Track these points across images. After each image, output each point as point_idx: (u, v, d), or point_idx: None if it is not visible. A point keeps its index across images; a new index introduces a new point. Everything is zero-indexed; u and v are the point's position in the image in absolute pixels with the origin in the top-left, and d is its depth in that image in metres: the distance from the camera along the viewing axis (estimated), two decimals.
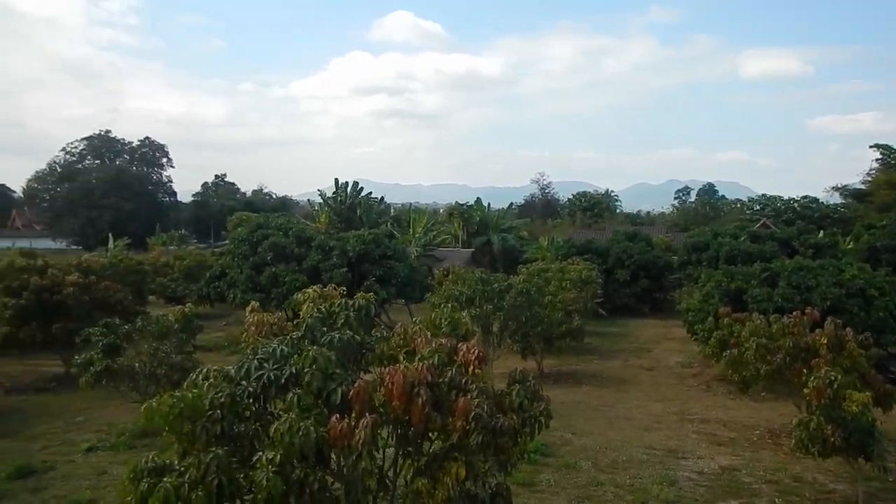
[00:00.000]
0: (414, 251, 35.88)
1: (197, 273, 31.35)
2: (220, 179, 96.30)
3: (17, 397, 17.62)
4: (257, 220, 29.95)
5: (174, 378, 13.24)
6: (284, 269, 24.70)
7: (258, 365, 6.58)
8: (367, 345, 7.75)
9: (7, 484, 11.16)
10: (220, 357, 20.36)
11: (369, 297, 8.27)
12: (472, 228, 46.56)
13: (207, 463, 5.81)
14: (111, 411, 15.61)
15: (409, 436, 6.92)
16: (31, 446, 13.38)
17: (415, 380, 6.40)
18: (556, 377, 19.82)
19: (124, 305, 20.44)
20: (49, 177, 79.48)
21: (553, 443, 13.12)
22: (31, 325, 19.01)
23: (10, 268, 19.89)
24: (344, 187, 45.60)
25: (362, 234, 27.09)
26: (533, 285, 18.83)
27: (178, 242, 57.02)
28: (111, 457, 12.59)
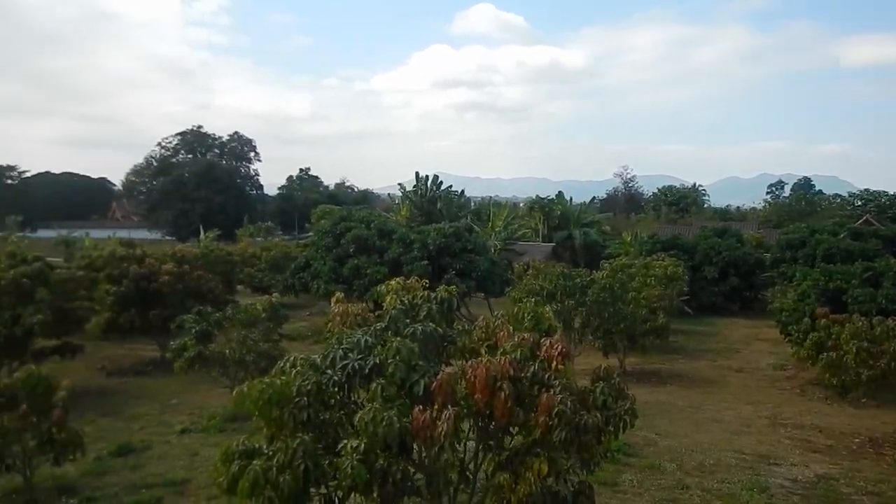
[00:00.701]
0: (494, 245, 35.80)
1: (282, 264, 32.24)
2: (305, 173, 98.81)
3: (118, 379, 18.56)
4: (340, 212, 30.53)
5: (261, 365, 13.67)
6: (366, 261, 25.09)
7: (343, 354, 6.69)
8: (448, 337, 7.75)
9: (110, 460, 11.78)
10: (304, 346, 20.87)
11: (451, 290, 8.28)
12: (552, 223, 46.06)
13: (294, 448, 5.96)
14: (202, 395, 16.24)
15: (491, 429, 6.89)
16: (131, 426, 14.08)
17: (497, 374, 6.35)
18: (639, 376, 19.40)
19: (215, 294, 21.20)
20: (146, 170, 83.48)
21: (636, 443, 12.84)
22: (130, 312, 19.93)
23: (111, 257, 20.95)
24: (424, 181, 45.94)
25: (442, 228, 27.21)
26: (616, 281, 18.45)
27: (264, 234, 58.79)
28: (203, 439, 13.10)
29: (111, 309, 20.08)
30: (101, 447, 12.31)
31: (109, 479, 10.90)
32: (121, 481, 10.81)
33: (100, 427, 13.72)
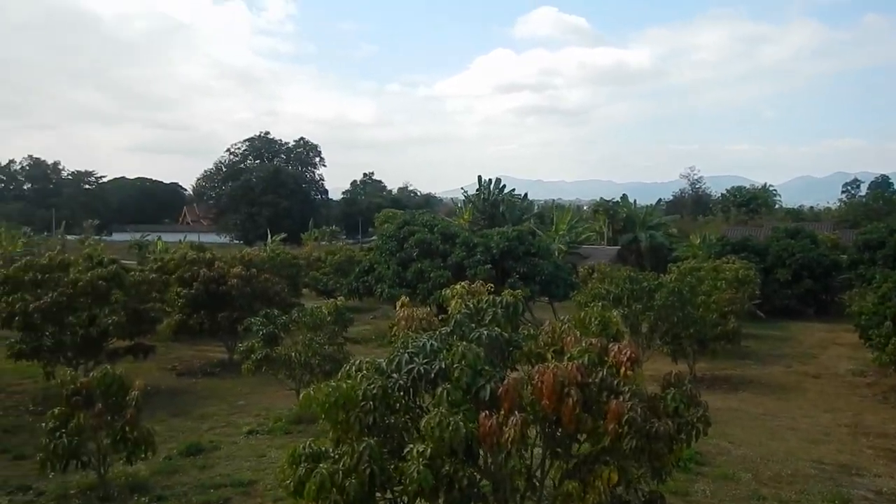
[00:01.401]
0: (558, 248, 35.40)
1: (347, 268, 32.62)
2: (368, 177, 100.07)
3: (188, 380, 19.02)
4: (403, 216, 30.69)
5: (327, 368, 13.79)
6: (430, 265, 25.13)
7: (408, 359, 6.64)
8: (514, 342, 7.61)
9: (180, 460, 12.05)
10: (367, 349, 21.02)
11: (517, 295, 8.14)
12: (617, 225, 45.31)
13: (360, 452, 5.93)
14: (269, 397, 16.49)
15: (558, 436, 6.73)
16: (200, 426, 14.39)
17: (565, 379, 6.20)
18: (709, 382, 18.81)
19: (281, 297, 21.54)
20: (215, 176, 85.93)
21: (708, 451, 12.42)
22: (200, 314, 20.43)
23: (182, 260, 21.55)
24: (487, 184, 45.79)
25: (506, 231, 27.05)
26: (685, 285, 17.94)
27: (329, 238, 59.65)
28: (269, 440, 13.28)
29: (182, 311, 20.63)
30: (172, 447, 12.61)
31: (179, 479, 11.15)
32: (190, 481, 11.04)
33: (170, 426, 14.06)
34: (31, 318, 15.96)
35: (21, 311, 15.97)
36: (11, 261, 27.05)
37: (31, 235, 48.62)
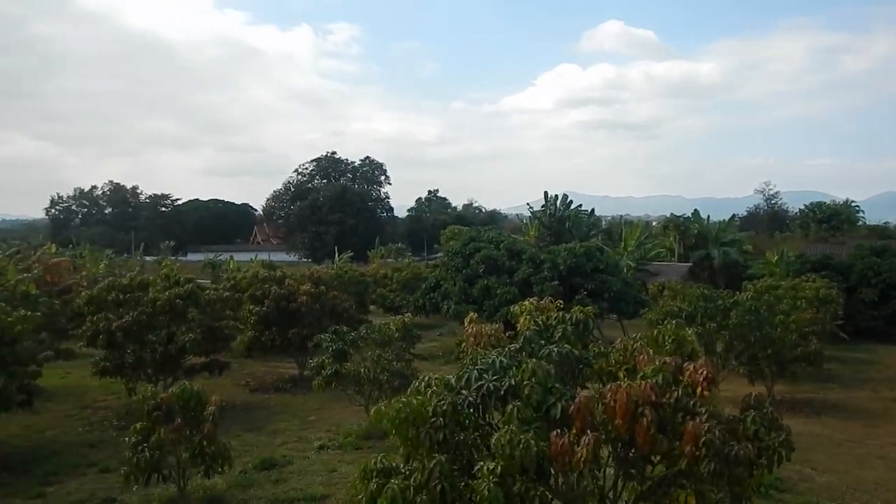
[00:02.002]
0: (626, 265, 34.82)
1: (413, 284, 32.85)
2: (433, 195, 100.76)
3: (261, 395, 19.44)
4: (469, 233, 30.75)
5: (395, 384, 13.89)
6: (496, 282, 25.06)
7: (478, 375, 6.63)
8: (584, 360, 7.52)
9: (255, 474, 12.30)
10: (434, 366, 21.05)
11: (587, 311, 8.06)
12: (689, 242, 44.21)
13: (431, 468, 5.94)
14: (339, 412, 16.69)
15: (631, 457, 6.58)
16: (273, 441, 14.66)
17: (639, 398, 6.07)
18: (789, 405, 18.06)
19: (350, 314, 21.82)
20: (284, 196, 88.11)
21: (789, 477, 11.90)
22: (272, 331, 20.87)
23: (254, 278, 22.11)
24: (553, 200, 45.52)
25: (573, 247, 26.77)
26: (762, 303, 17.34)
27: (395, 255, 60.18)
28: (340, 455, 13.43)
29: (254, 328, 21.12)
30: (247, 461, 12.88)
31: (254, 492, 11.37)
32: (265, 494, 11.24)
33: (245, 441, 14.37)
34: (114, 337, 16.63)
35: (104, 330, 16.66)
36: (95, 281, 28.32)
37: (112, 257, 50.72)
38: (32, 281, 24.39)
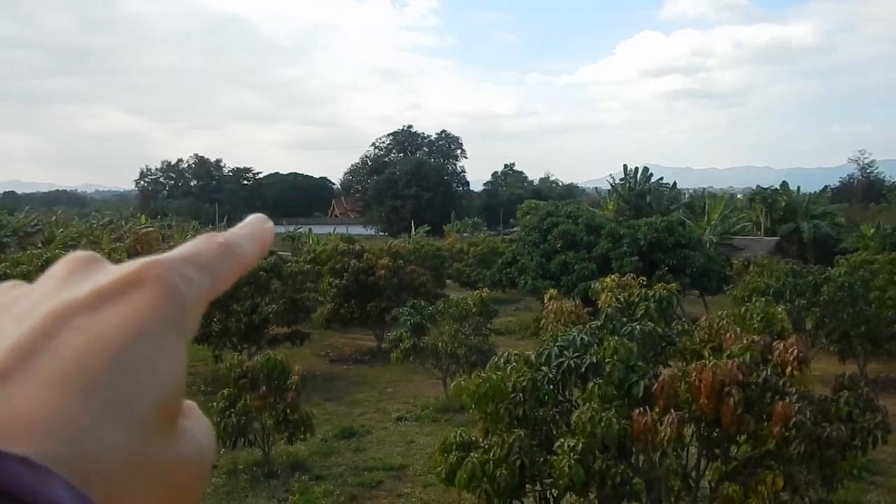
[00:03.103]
0: (709, 239, 33.80)
1: (489, 259, 32.79)
2: (509, 168, 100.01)
3: (340, 366, 19.91)
4: (547, 207, 30.42)
5: (472, 358, 13.95)
6: (574, 257, 24.76)
7: (558, 352, 6.60)
8: (667, 337, 7.38)
9: (335, 442, 12.65)
10: (510, 341, 21.04)
11: (671, 288, 7.89)
12: (776, 215, 42.44)
13: (511, 443, 5.97)
14: (416, 385, 16.92)
15: (715, 437, 6.44)
16: (352, 411, 15.02)
17: (725, 378, 5.92)
18: (883, 384, 17.21)
19: (427, 288, 22.01)
20: (361, 170, 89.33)
21: (884, 460, 11.36)
22: (351, 303, 21.26)
23: (334, 251, 22.56)
24: (633, 173, 44.49)
25: (654, 222, 26.13)
26: (856, 279, 16.55)
27: (471, 230, 60.20)
28: (417, 427, 13.64)
29: (333, 300, 21.57)
30: (327, 429, 13.24)
31: (335, 460, 11.70)
32: (345, 462, 11.56)
33: (325, 410, 14.76)
34: None
35: None
36: None
37: (198, 229, 52.72)
38: (125, 251, 25.70)
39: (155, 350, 0.35)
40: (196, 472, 0.37)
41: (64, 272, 0.39)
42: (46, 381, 0.32)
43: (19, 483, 0.28)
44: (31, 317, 0.35)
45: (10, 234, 30.96)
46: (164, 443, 0.35)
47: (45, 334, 0.34)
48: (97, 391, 0.33)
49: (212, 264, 0.41)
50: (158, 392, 0.35)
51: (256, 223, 0.48)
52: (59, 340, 0.34)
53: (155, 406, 0.34)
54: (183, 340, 0.38)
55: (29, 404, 0.31)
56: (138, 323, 0.35)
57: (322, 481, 10.74)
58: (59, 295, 0.37)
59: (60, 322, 0.34)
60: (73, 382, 0.32)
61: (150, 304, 0.36)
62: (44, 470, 0.29)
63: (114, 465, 0.32)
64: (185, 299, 0.38)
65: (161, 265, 0.38)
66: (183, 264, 0.39)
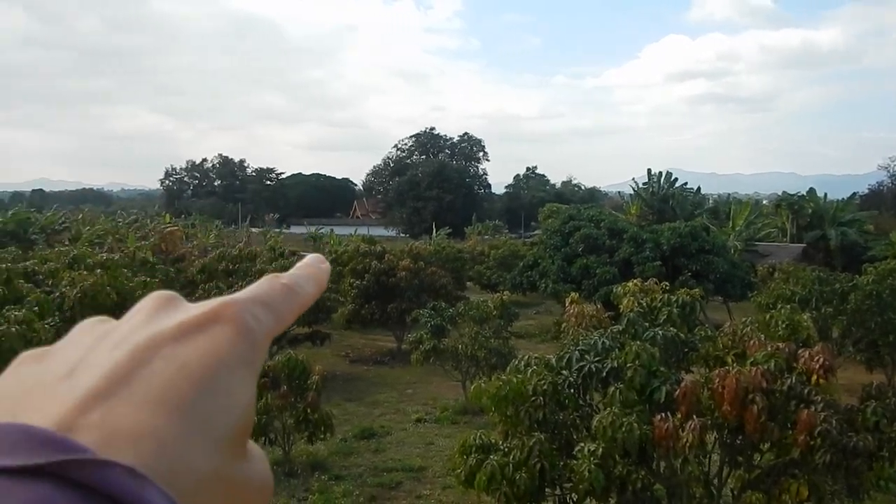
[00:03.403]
0: (734, 245, 33.45)
1: (510, 262, 32.71)
2: (531, 171, 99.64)
3: (360, 367, 19.96)
4: (569, 211, 30.30)
5: (492, 361, 13.93)
6: (595, 261, 24.64)
7: (579, 356, 6.57)
8: (690, 343, 7.31)
9: (354, 442, 12.68)
10: (531, 345, 20.96)
11: (694, 294, 7.82)
12: (802, 221, 41.88)
13: (531, 446, 5.95)
14: (435, 387, 16.92)
15: (738, 444, 6.37)
16: (372, 411, 15.05)
17: (749, 385, 5.86)
18: None
19: (447, 290, 22.01)
20: (383, 171, 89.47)
21: None
22: (371, 304, 21.33)
23: (356, 252, 22.65)
24: (656, 178, 44.18)
25: (677, 227, 25.93)
26: (885, 287, 16.29)
27: (492, 232, 60.09)
28: (436, 429, 13.63)
29: (354, 301, 21.63)
30: (347, 429, 13.27)
31: (354, 460, 11.73)
32: (364, 463, 11.59)
33: (345, 410, 14.80)
34: None
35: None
36: (205, 251, 29.83)
37: (221, 228, 53.22)
38: (149, 249, 26.00)
39: (232, 379, 0.40)
40: (262, 494, 0.41)
41: (150, 308, 0.44)
42: (142, 402, 0.36)
43: (125, 490, 0.31)
44: (125, 346, 0.39)
45: (39, 231, 31.44)
46: (238, 464, 0.39)
47: (138, 361, 0.38)
48: (185, 413, 0.37)
49: (276, 304, 0.46)
50: (236, 417, 0.39)
51: (314, 263, 0.53)
52: (151, 367, 0.38)
53: (233, 429, 0.39)
54: (253, 373, 0.42)
55: (128, 421, 0.35)
56: (218, 354, 0.40)
57: (342, 481, 10.77)
58: (148, 328, 0.41)
59: (151, 351, 0.39)
60: (164, 404, 0.36)
61: (228, 338, 0.41)
62: (146, 479, 0.32)
63: (199, 480, 0.36)
64: (256, 336, 0.42)
65: (235, 305, 0.43)
66: (253, 304, 0.44)
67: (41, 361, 0.40)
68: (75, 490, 0.30)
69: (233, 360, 0.40)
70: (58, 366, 0.39)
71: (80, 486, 0.31)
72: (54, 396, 0.36)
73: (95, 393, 0.36)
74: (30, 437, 0.32)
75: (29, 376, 0.39)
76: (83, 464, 0.31)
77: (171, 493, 0.33)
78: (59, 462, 0.31)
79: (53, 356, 0.41)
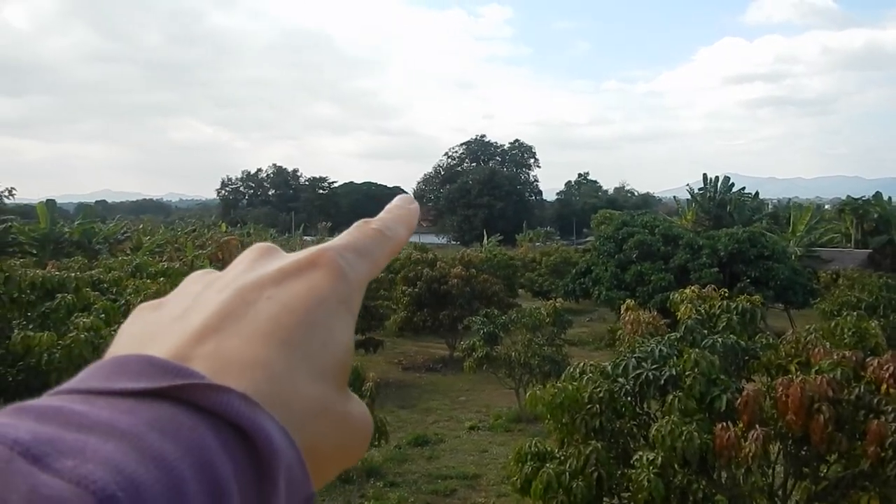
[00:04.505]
0: (794, 251, 32.54)
1: (562, 269, 32.48)
2: (583, 177, 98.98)
3: (413, 374, 20.06)
4: (622, 217, 29.94)
5: (545, 369, 13.84)
6: (650, 268, 24.27)
7: (636, 363, 6.48)
8: (751, 351, 7.13)
9: (408, 449, 12.74)
10: (584, 352, 20.75)
11: (755, 301, 7.64)
12: (868, 226, 40.43)
13: (587, 455, 5.89)
14: (488, 394, 16.89)
15: (803, 455, 6.18)
16: (425, 419, 15.10)
17: (814, 394, 5.68)
18: None
19: (499, 297, 21.97)
20: (434, 179, 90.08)
21: None
22: (424, 311, 21.44)
23: (408, 260, 22.81)
24: (713, 182, 43.30)
25: (735, 232, 25.38)
26: None
27: (543, 239, 59.82)
28: (490, 437, 13.60)
29: (407, 308, 21.78)
30: (401, 436, 13.34)
31: (409, 467, 11.78)
32: (419, 470, 11.63)
33: (398, 417, 14.88)
34: None
35: None
36: None
37: (275, 237, 54.22)
38: (207, 257, 26.66)
39: (332, 318, 0.42)
40: (363, 431, 0.43)
41: (250, 258, 0.46)
42: (250, 335, 0.39)
43: (239, 413, 0.33)
44: (231, 288, 0.42)
45: (102, 241, 32.51)
46: (341, 398, 0.41)
47: (245, 301, 0.41)
48: (291, 346, 0.39)
49: (368, 249, 0.48)
50: (337, 352, 0.41)
51: (403, 204, 0.55)
52: (256, 306, 0.40)
53: (336, 364, 0.41)
54: (351, 314, 0.44)
55: (239, 352, 0.38)
56: (317, 295, 0.42)
57: (396, 488, 10.83)
58: (251, 273, 0.44)
59: (255, 293, 0.41)
60: (272, 337, 0.39)
61: (325, 280, 0.43)
62: (257, 405, 0.34)
63: (306, 409, 0.38)
64: (350, 280, 0.44)
65: (331, 250, 0.45)
66: (346, 250, 0.46)
67: (156, 309, 0.44)
68: (193, 412, 0.33)
69: (331, 302, 0.42)
70: (171, 310, 0.43)
71: (198, 408, 0.33)
72: (171, 333, 0.40)
73: (207, 328, 0.39)
74: (152, 365, 0.35)
75: (147, 320, 0.43)
76: (200, 388, 0.33)
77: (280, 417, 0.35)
78: (177, 386, 0.33)
79: (167, 304, 0.44)
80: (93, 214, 38.48)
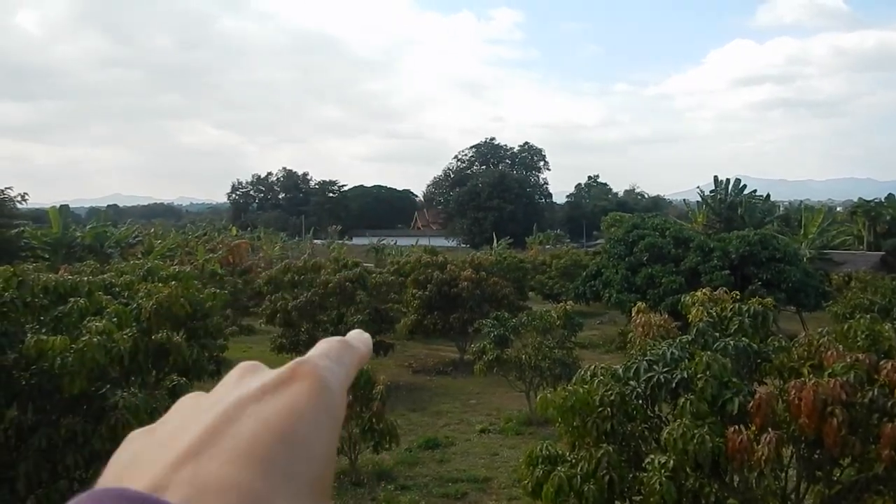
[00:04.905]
0: (806, 253, 32.34)
1: (572, 272, 32.41)
2: (593, 180, 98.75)
3: (423, 377, 20.06)
4: (632, 220, 29.85)
5: (556, 371, 13.83)
6: (661, 270, 24.17)
7: (647, 366, 6.45)
8: (763, 354, 7.09)
9: (419, 453, 12.75)
10: (594, 355, 20.69)
11: (767, 303, 7.59)
12: (880, 228, 40.15)
13: (599, 458, 5.88)
14: (499, 397, 16.87)
15: (816, 458, 6.14)
16: (436, 422, 15.09)
17: (827, 397, 5.65)
18: None
19: (509, 300, 21.95)
20: (444, 182, 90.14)
21: None
22: (434, 314, 21.43)
23: (418, 263, 22.82)
24: (724, 185, 43.10)
25: (746, 235, 25.25)
26: None
27: (553, 242, 59.64)
28: (501, 440, 13.59)
29: (417, 311, 21.78)
30: (412, 439, 13.35)
31: (420, 470, 11.78)
32: (430, 473, 11.63)
33: (409, 420, 14.89)
34: (290, 316, 17.84)
35: (282, 309, 17.92)
36: (271, 263, 30.52)
37: (285, 240, 54.40)
38: (217, 261, 26.77)
39: (312, 431, 0.44)
40: None
41: (237, 376, 0.49)
42: (229, 457, 0.40)
43: None
44: (215, 409, 0.44)
45: (114, 245, 32.68)
46: None
47: (225, 420, 0.42)
48: (270, 465, 0.40)
49: (341, 356, 0.51)
50: (317, 467, 0.43)
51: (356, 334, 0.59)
52: (237, 425, 0.42)
53: (316, 478, 0.43)
54: (333, 420, 0.46)
55: (216, 476, 0.39)
56: (297, 409, 0.44)
57: (407, 491, 10.84)
58: (234, 392, 0.46)
59: (237, 411, 0.43)
60: (250, 458, 0.40)
61: (305, 391, 0.45)
62: None
63: None
64: (331, 387, 0.47)
65: (307, 362, 0.48)
66: (322, 359, 0.49)
67: (147, 435, 0.46)
68: None
69: (311, 413, 0.44)
70: (160, 435, 0.45)
71: None
72: (154, 460, 0.41)
73: (188, 452, 0.40)
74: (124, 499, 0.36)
75: (136, 447, 0.45)
76: None
77: None
78: None
79: (157, 429, 0.46)
80: (104, 219, 38.68)
